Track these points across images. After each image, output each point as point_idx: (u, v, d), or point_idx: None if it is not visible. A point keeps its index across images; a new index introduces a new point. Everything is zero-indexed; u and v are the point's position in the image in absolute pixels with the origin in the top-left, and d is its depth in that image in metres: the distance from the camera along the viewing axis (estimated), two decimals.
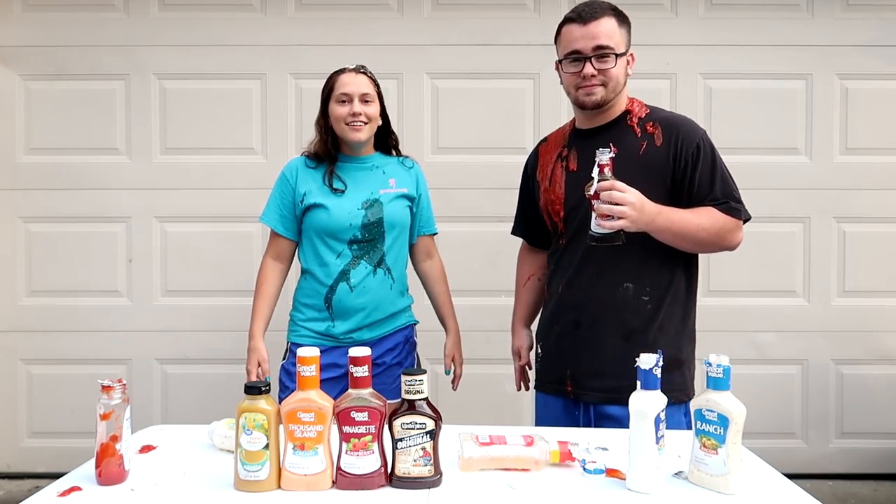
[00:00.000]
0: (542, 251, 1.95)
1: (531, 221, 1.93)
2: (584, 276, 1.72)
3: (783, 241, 3.02)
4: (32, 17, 3.01)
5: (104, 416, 1.19)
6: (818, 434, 3.07)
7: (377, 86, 2.01)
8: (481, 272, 2.96)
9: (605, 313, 1.69)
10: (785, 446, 3.01)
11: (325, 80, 2.03)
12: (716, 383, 1.18)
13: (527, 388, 2.04)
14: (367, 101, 1.96)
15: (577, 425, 1.70)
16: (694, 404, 1.21)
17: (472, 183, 2.98)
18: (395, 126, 2.13)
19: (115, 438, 1.20)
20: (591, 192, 1.53)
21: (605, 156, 1.52)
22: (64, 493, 1.18)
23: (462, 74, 3.01)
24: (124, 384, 1.22)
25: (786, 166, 3.01)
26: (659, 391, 1.19)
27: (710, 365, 1.19)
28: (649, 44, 3.00)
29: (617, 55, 1.65)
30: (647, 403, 1.17)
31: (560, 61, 1.73)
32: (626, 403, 1.49)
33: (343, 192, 1.97)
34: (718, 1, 3.02)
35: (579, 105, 1.73)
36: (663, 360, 1.37)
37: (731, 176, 1.71)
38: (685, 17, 3.02)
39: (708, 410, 1.18)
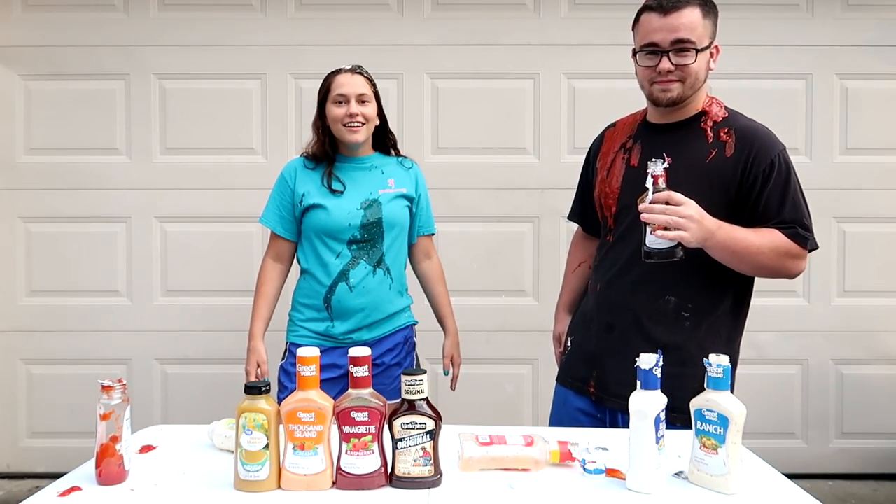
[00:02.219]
0: (596, 239, 1.85)
1: (587, 208, 1.83)
2: (625, 279, 1.63)
3: None
4: (32, 17, 3.01)
5: (104, 417, 1.19)
6: (818, 434, 3.07)
7: (374, 85, 2.01)
8: (481, 272, 2.96)
9: (640, 322, 1.60)
10: (785, 446, 3.01)
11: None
12: (716, 383, 1.18)
13: None
14: (363, 102, 1.96)
15: (601, 426, 1.65)
16: (694, 404, 1.21)
17: (472, 183, 2.98)
18: (394, 126, 2.13)
19: (115, 439, 1.20)
20: (645, 205, 1.44)
21: (658, 167, 1.44)
22: (64, 493, 1.17)
23: (462, 74, 3.01)
24: (124, 384, 1.22)
25: None
26: (659, 391, 1.19)
27: (710, 365, 1.19)
28: None
29: (698, 50, 1.53)
30: (647, 403, 1.17)
31: (635, 52, 1.60)
32: None
33: (342, 192, 1.97)
34: (718, 1, 3.01)
35: (653, 101, 1.62)
36: (697, 384, 1.28)
37: (805, 201, 1.58)
38: None
39: (708, 410, 1.18)
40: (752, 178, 1.54)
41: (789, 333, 3.04)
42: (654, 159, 1.46)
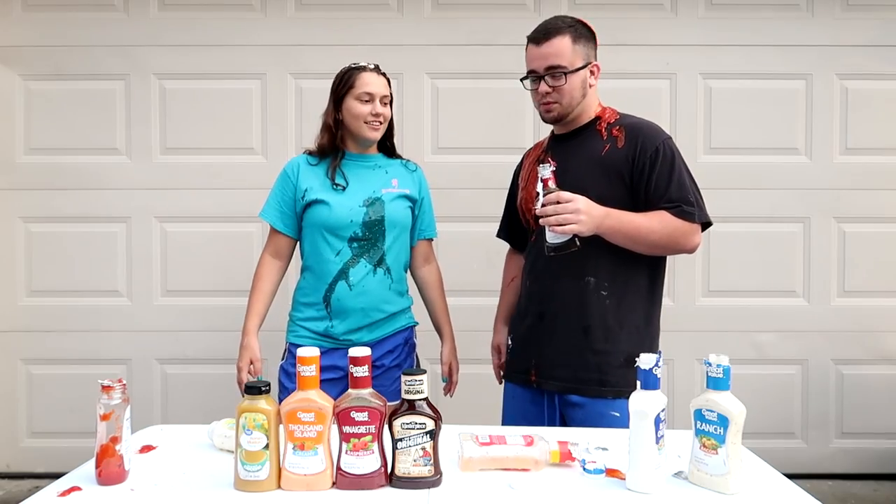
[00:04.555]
0: (524, 254, 2.00)
1: (514, 225, 2.01)
2: (549, 270, 1.78)
3: (783, 241, 3.02)
4: (32, 17, 3.01)
5: (104, 417, 1.19)
6: (818, 434, 3.07)
7: (391, 87, 2.02)
8: (481, 272, 2.96)
9: (567, 306, 1.75)
10: (785, 446, 3.01)
11: (325, 79, 2.03)
12: (716, 383, 1.18)
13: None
14: (385, 104, 1.98)
15: (542, 415, 1.78)
16: (694, 404, 1.21)
17: (472, 183, 2.98)
18: (395, 126, 2.13)
19: (115, 439, 1.20)
20: (539, 206, 1.61)
21: (546, 171, 1.61)
22: (64, 493, 1.18)
23: (462, 74, 3.01)
24: (124, 384, 1.22)
25: (786, 166, 3.01)
26: (659, 391, 1.19)
27: (710, 365, 1.19)
28: (649, 44, 3.01)
29: (568, 73, 1.73)
30: (647, 403, 1.17)
31: (522, 79, 1.83)
32: (584, 393, 1.73)
33: (345, 188, 1.97)
34: (718, 1, 3.02)
35: (542, 119, 1.85)
36: (622, 358, 1.63)
37: (692, 181, 1.75)
38: (685, 17, 3.02)
39: (708, 410, 1.18)
40: (641, 164, 1.72)
41: (789, 333, 3.04)
42: (541, 164, 1.64)
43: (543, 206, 1.59)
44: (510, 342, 1.94)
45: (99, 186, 3.00)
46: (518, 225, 1.98)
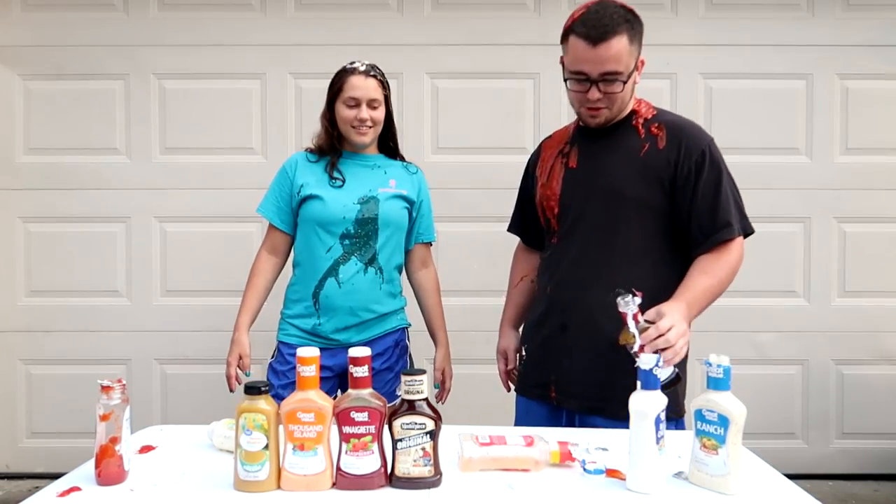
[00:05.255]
0: (536, 252, 1.89)
1: (528, 219, 1.87)
2: (574, 277, 1.65)
3: (783, 241, 3.02)
4: (32, 17, 3.00)
5: (104, 417, 1.19)
6: (818, 434, 3.07)
7: (386, 87, 1.99)
8: (481, 272, 2.96)
9: (594, 318, 1.59)
10: (785, 446, 3.00)
11: (325, 79, 2.02)
12: (716, 383, 1.18)
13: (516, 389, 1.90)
14: (374, 107, 1.95)
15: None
16: (694, 404, 1.21)
17: (472, 183, 2.98)
18: (395, 126, 2.12)
19: (114, 440, 1.20)
20: (637, 347, 1.37)
21: (633, 305, 1.38)
22: (64, 494, 1.17)
23: (462, 74, 3.00)
24: (124, 384, 1.22)
25: (786, 166, 3.01)
26: (659, 391, 1.19)
27: (710, 365, 1.19)
28: (649, 44, 2.96)
29: (624, 81, 1.55)
30: (647, 403, 1.17)
31: (565, 70, 1.62)
32: (609, 415, 1.51)
33: (341, 185, 1.96)
34: (718, 1, 3.02)
35: (582, 122, 1.69)
36: None
37: (733, 187, 1.63)
38: (685, 17, 3.02)
39: (708, 411, 1.18)
40: (686, 170, 1.58)
41: (789, 333, 3.04)
42: (622, 299, 1.39)
43: (642, 346, 1.36)
44: (524, 352, 1.80)
45: (99, 186, 3.00)
46: (533, 221, 1.83)
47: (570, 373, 1.64)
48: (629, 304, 1.39)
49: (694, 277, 1.56)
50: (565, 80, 1.62)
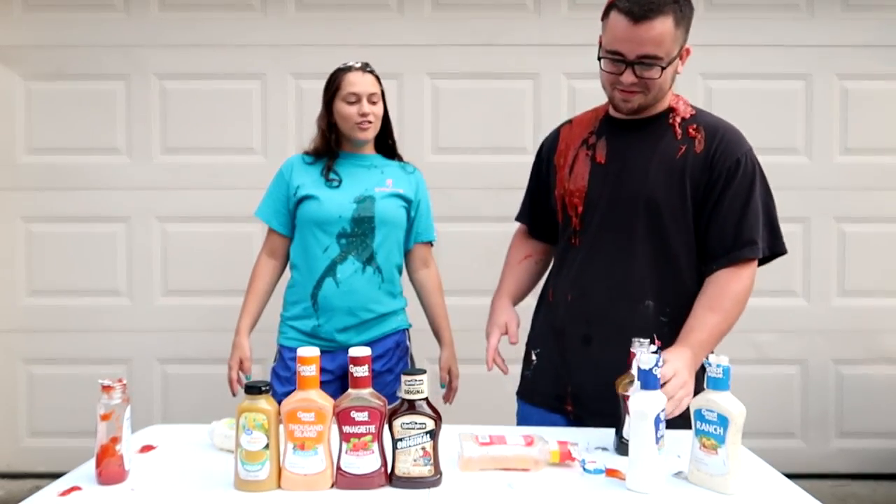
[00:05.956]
0: (542, 241, 1.79)
1: (539, 210, 1.73)
2: (600, 287, 1.54)
3: None
4: (32, 17, 3.01)
5: (104, 417, 1.19)
6: (818, 434, 3.07)
7: (381, 84, 2.01)
8: (481, 272, 2.94)
9: (622, 332, 1.41)
10: (785, 446, 3.00)
11: (325, 79, 2.03)
12: (715, 383, 1.18)
13: (503, 370, 1.69)
14: (374, 102, 1.97)
15: None
16: (693, 404, 1.21)
17: (472, 183, 2.98)
18: (394, 126, 2.13)
19: (115, 439, 1.20)
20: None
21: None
22: (64, 493, 1.18)
23: (462, 74, 3.01)
24: (124, 384, 1.22)
25: (786, 166, 3.01)
26: (659, 391, 1.19)
27: (709, 365, 1.19)
28: None
29: (664, 67, 1.43)
30: (647, 403, 1.17)
31: (599, 55, 1.50)
32: None
33: (337, 185, 1.97)
34: (718, 1, 3.02)
35: (613, 106, 1.56)
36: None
37: (766, 205, 1.54)
38: None
39: (708, 410, 1.18)
40: (716, 175, 1.48)
41: (789, 333, 3.04)
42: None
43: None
44: (534, 358, 1.67)
45: (99, 186, 3.00)
46: (545, 213, 1.71)
47: (594, 388, 1.49)
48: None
49: (700, 316, 1.46)
50: (599, 59, 1.49)
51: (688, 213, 1.50)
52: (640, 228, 1.51)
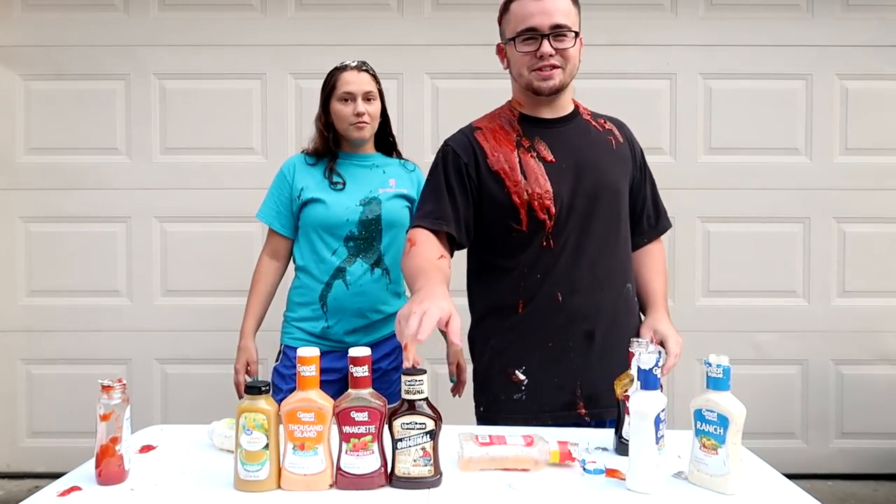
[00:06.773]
0: (451, 248, 1.59)
1: (467, 217, 1.58)
2: (588, 280, 1.55)
3: (783, 241, 3.02)
4: (32, 17, 3.01)
5: (104, 417, 1.19)
6: (818, 434, 3.07)
7: (378, 82, 2.00)
8: None
9: (618, 318, 1.56)
10: (785, 446, 3.01)
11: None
12: (716, 383, 1.18)
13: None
14: (369, 100, 1.96)
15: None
16: (694, 404, 1.21)
17: None
18: (395, 126, 2.13)
19: (115, 440, 1.20)
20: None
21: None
22: (64, 493, 1.17)
23: (462, 74, 3.00)
24: (124, 384, 1.22)
25: (786, 166, 3.01)
26: (659, 391, 1.19)
27: (709, 365, 1.19)
28: (649, 44, 3.01)
29: (576, 33, 1.53)
30: (647, 403, 1.17)
31: (510, 40, 1.57)
32: None
33: (342, 188, 1.97)
34: (718, 1, 3.02)
35: (534, 91, 1.56)
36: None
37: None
38: (685, 17, 3.02)
39: (708, 411, 1.18)
40: (638, 161, 1.68)
41: (789, 333, 3.04)
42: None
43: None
44: (522, 376, 1.56)
45: (99, 186, 3.00)
46: (471, 223, 1.58)
47: (604, 380, 1.45)
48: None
49: (654, 281, 1.69)
50: (507, 46, 1.61)
51: (627, 197, 1.65)
52: (612, 217, 1.61)
